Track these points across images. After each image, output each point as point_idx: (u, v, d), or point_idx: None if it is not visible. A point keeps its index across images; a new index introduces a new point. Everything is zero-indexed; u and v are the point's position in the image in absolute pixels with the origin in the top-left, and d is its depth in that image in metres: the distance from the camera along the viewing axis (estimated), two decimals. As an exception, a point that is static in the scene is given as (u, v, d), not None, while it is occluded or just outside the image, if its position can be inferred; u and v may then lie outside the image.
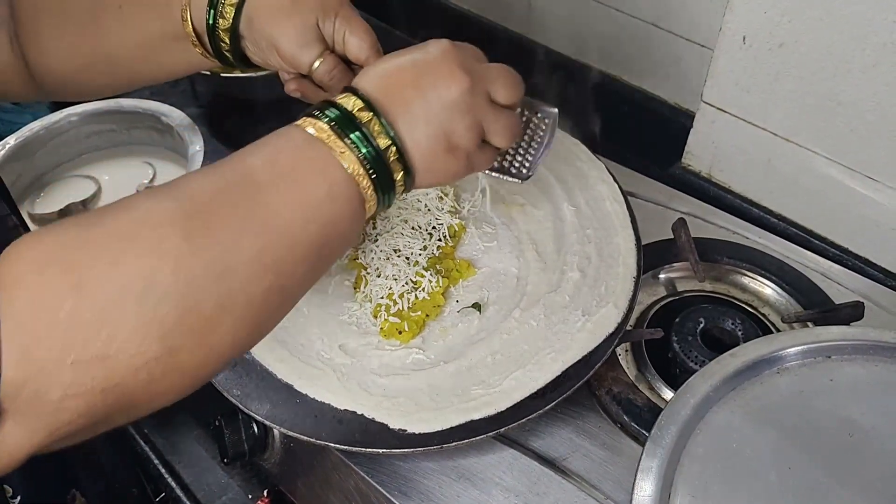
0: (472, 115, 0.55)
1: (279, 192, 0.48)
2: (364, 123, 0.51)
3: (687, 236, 0.85)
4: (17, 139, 1.04)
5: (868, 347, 0.63)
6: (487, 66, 0.58)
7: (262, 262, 0.46)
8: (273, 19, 0.65)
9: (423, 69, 0.54)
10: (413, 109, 0.53)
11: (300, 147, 0.50)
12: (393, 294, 0.74)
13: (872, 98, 0.77)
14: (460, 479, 0.69)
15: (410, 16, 1.38)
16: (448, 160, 0.55)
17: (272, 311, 0.50)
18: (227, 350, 0.47)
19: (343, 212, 0.51)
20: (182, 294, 0.43)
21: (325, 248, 0.51)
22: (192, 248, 0.44)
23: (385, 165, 0.52)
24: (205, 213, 0.46)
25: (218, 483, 0.85)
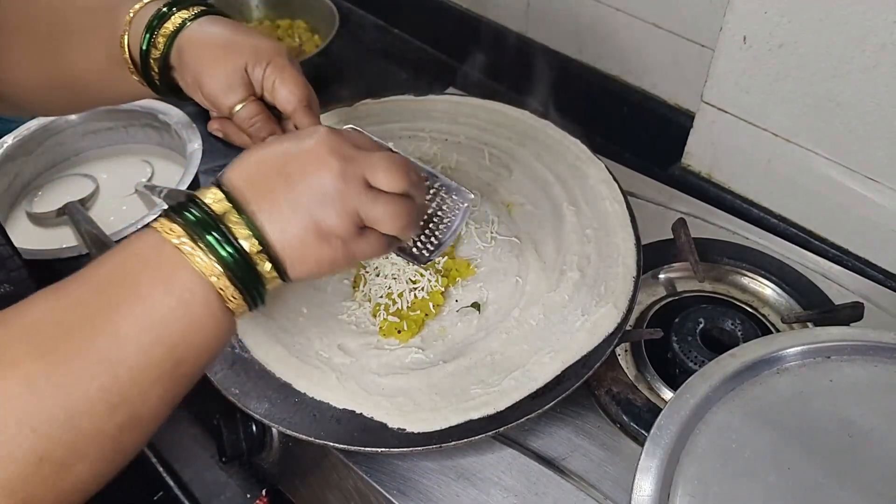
0: (344, 202, 0.52)
1: (124, 313, 0.46)
2: (222, 218, 0.49)
3: (687, 236, 0.85)
4: (14, 138, 1.03)
5: (868, 348, 0.63)
6: (368, 152, 0.55)
7: (109, 399, 0.44)
8: (202, 56, 0.64)
9: (294, 157, 0.52)
10: (278, 198, 0.51)
11: (148, 255, 0.48)
12: (392, 293, 0.74)
13: (872, 99, 0.77)
14: (459, 478, 0.69)
15: (410, 15, 1.38)
16: (321, 248, 0.52)
17: (130, 441, 0.48)
18: (88, 486, 0.46)
19: (200, 321, 0.48)
20: (28, 451, 0.41)
21: (181, 368, 0.48)
22: (36, 400, 0.42)
23: (248, 263, 0.49)
24: (46, 350, 0.44)
25: (216, 482, 0.85)
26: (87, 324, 0.45)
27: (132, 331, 0.46)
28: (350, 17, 1.43)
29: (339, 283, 0.78)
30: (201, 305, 0.48)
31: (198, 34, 0.65)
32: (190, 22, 0.65)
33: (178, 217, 0.49)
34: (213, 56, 0.64)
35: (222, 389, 0.70)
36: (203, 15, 0.66)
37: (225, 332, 0.51)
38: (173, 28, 0.65)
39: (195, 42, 0.65)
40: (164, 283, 0.47)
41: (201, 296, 0.48)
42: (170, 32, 0.65)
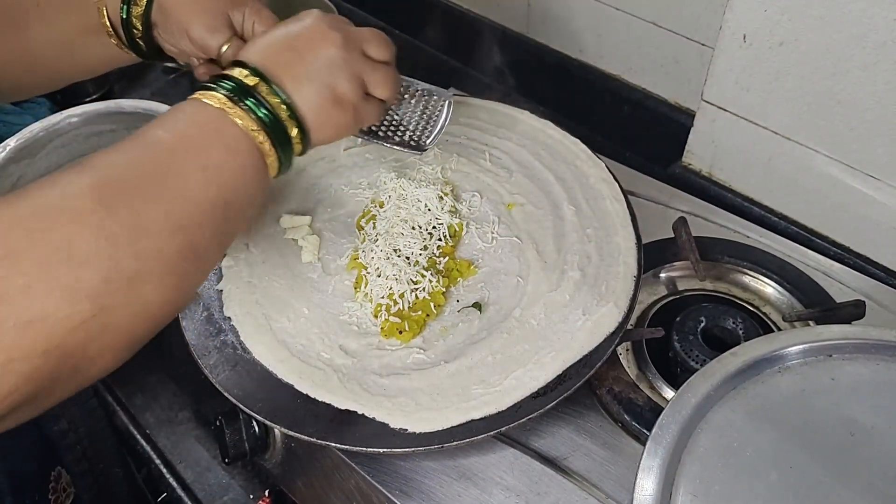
0: (350, 68, 0.61)
1: (181, 158, 0.53)
2: (254, 88, 0.56)
3: (687, 235, 0.85)
4: (17, 141, 1.03)
5: (869, 346, 0.63)
6: (358, 28, 0.65)
7: (170, 222, 0.50)
8: (185, 7, 0.69)
9: (299, 35, 0.61)
10: (295, 71, 0.59)
11: (198, 115, 0.55)
12: (393, 294, 0.74)
13: (872, 97, 0.77)
14: (461, 478, 0.69)
15: (410, 15, 1.38)
16: (337, 113, 0.61)
17: (190, 268, 0.53)
18: (156, 308, 0.51)
19: (244, 168, 0.56)
20: (102, 256, 0.46)
21: (230, 208, 0.55)
22: (108, 213, 0.47)
23: (280, 123, 0.57)
24: (117, 181, 0.50)
25: (219, 483, 0.85)
26: (152, 164, 0.52)
27: (191, 170, 0.53)
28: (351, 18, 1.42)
29: (340, 283, 0.78)
30: (246, 155, 0.56)
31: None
32: None
33: (217, 88, 0.56)
34: (195, 4, 0.70)
35: (224, 391, 0.70)
36: None
37: (263, 185, 0.58)
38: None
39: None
40: (215, 136, 0.55)
41: (245, 148, 0.56)
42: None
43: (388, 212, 0.81)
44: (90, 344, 0.46)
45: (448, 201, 0.82)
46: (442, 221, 0.80)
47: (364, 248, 0.79)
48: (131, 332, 0.49)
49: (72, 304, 0.45)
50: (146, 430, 0.89)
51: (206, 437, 0.88)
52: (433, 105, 0.76)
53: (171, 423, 0.90)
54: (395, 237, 0.78)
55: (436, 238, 0.79)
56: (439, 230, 0.79)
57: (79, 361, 0.46)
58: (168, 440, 0.88)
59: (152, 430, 0.89)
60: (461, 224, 0.81)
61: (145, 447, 0.88)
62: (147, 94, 1.19)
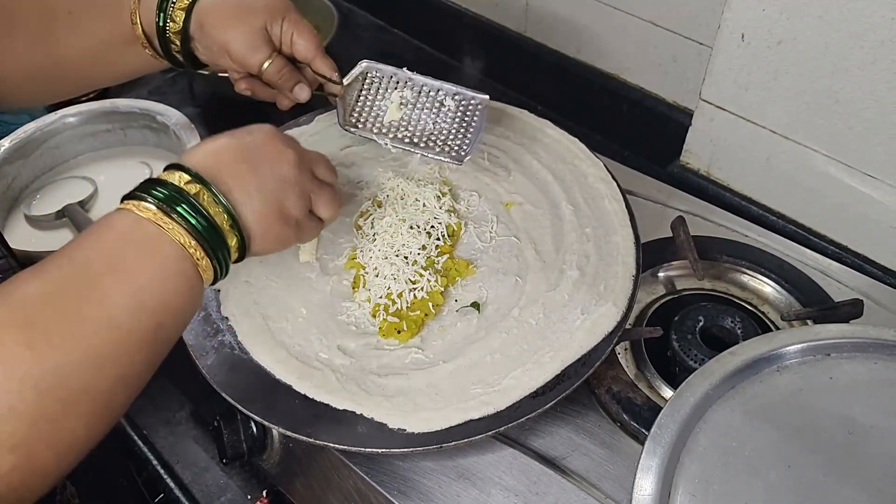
0: (300, 187, 0.61)
1: (109, 284, 0.49)
2: (193, 196, 0.53)
3: (686, 234, 0.85)
4: (11, 141, 1.03)
5: (867, 345, 0.63)
6: (309, 151, 0.65)
7: (98, 358, 0.48)
8: (223, 24, 0.68)
9: (253, 148, 0.59)
10: (245, 182, 0.57)
11: (127, 232, 0.52)
12: (392, 294, 0.74)
13: (871, 96, 0.77)
14: (460, 478, 0.69)
15: (409, 15, 1.38)
16: (280, 227, 0.60)
17: (119, 399, 0.51)
18: (83, 443, 0.48)
19: (178, 288, 0.53)
20: (28, 407, 0.44)
21: (161, 331, 0.52)
22: (35, 359, 0.45)
23: (217, 233, 0.54)
24: (41, 319, 0.46)
25: (217, 483, 0.85)
26: (76, 294, 0.48)
27: (118, 298, 0.49)
28: (349, 17, 1.43)
29: (338, 284, 0.78)
30: (178, 274, 0.53)
31: (212, 4, 0.69)
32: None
33: (147, 196, 0.53)
34: (233, 21, 0.69)
35: (222, 391, 0.70)
36: None
37: (197, 298, 0.55)
38: (187, 1, 0.69)
39: (212, 12, 0.69)
40: (145, 255, 0.52)
41: (180, 266, 0.53)
42: (185, 6, 0.69)
43: (387, 211, 0.81)
44: (18, 489, 0.44)
45: (446, 201, 0.82)
46: (440, 221, 0.80)
47: (362, 248, 0.79)
48: (60, 466, 0.47)
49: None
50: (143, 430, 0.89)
51: (203, 437, 0.88)
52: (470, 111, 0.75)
53: (169, 424, 0.89)
54: (394, 237, 0.78)
55: (434, 237, 0.79)
56: (438, 230, 0.79)
57: (10, 497, 0.44)
58: (166, 441, 0.88)
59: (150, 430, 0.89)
60: (459, 223, 0.81)
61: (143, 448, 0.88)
62: (144, 93, 1.19)
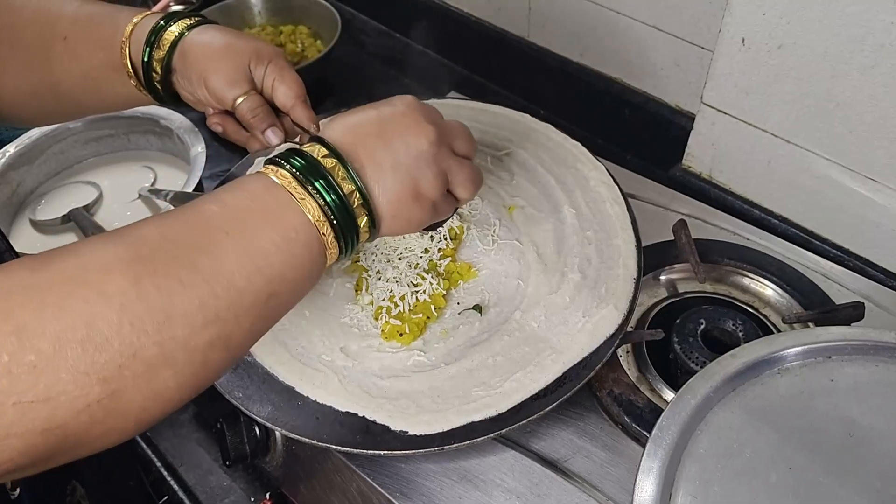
0: (438, 165, 0.57)
1: (229, 240, 0.48)
2: (328, 170, 0.52)
3: (687, 237, 0.85)
4: (16, 147, 1.04)
5: (868, 348, 0.63)
6: (448, 121, 0.61)
7: (205, 312, 0.46)
8: (207, 56, 0.68)
9: (390, 121, 0.56)
10: (379, 158, 0.55)
11: (259, 194, 0.51)
12: (394, 296, 0.74)
13: (871, 99, 0.78)
14: (462, 480, 0.69)
15: (412, 20, 1.39)
16: (414, 208, 0.57)
17: (216, 360, 0.49)
18: (172, 395, 0.47)
19: (299, 261, 0.51)
20: (124, 340, 0.43)
21: (273, 300, 0.50)
22: (137, 295, 0.43)
23: (348, 212, 0.53)
24: (152, 259, 0.45)
25: (220, 486, 0.85)
26: (195, 243, 0.47)
27: (236, 256, 0.48)
28: (352, 22, 1.44)
29: (341, 286, 0.79)
30: (302, 245, 0.51)
31: (200, 38, 0.69)
32: (189, 31, 0.69)
33: (285, 164, 0.52)
34: (217, 55, 0.68)
35: (225, 393, 0.70)
36: (200, 24, 0.70)
37: (316, 275, 0.54)
38: (177, 33, 0.68)
39: (198, 44, 0.68)
40: (272, 220, 0.50)
41: (304, 236, 0.51)
42: (173, 37, 0.68)
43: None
44: (95, 426, 0.43)
45: (448, 204, 0.82)
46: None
47: (365, 251, 0.79)
48: (140, 416, 0.46)
49: (81, 387, 0.41)
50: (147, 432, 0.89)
51: (207, 439, 0.88)
52: None
53: (172, 426, 0.90)
54: (396, 240, 0.78)
55: (436, 241, 0.79)
56: (440, 232, 0.80)
57: (80, 440, 0.43)
58: (169, 443, 0.88)
59: (153, 433, 0.89)
60: (462, 227, 0.82)
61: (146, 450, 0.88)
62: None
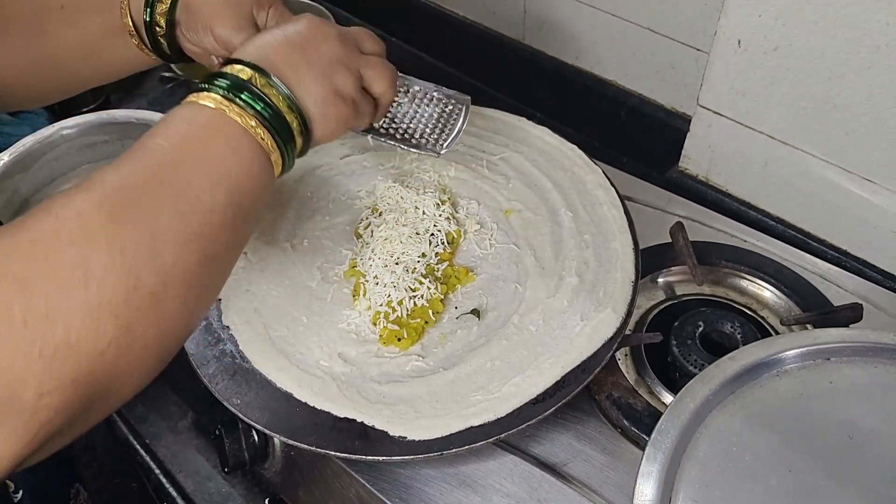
0: (349, 63, 0.62)
1: (186, 165, 0.51)
2: (250, 81, 0.56)
3: (685, 240, 0.85)
4: (10, 155, 1.03)
5: (867, 349, 0.63)
6: (349, 28, 0.67)
7: (184, 233, 0.49)
8: (210, 5, 0.70)
9: (298, 32, 0.61)
10: (295, 63, 0.59)
11: (196, 118, 0.54)
12: (392, 301, 0.74)
13: (867, 100, 0.78)
14: (461, 485, 0.69)
15: (407, 24, 1.39)
16: (339, 106, 0.61)
17: (209, 278, 0.52)
18: (180, 321, 0.50)
19: (251, 169, 0.55)
20: (121, 273, 0.45)
21: (240, 210, 0.54)
22: (119, 228, 0.46)
23: (279, 116, 0.56)
24: (123, 196, 0.48)
25: (219, 492, 0.85)
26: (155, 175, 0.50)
27: (198, 176, 0.51)
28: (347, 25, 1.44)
29: (338, 292, 0.78)
30: (249, 154, 0.54)
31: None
32: None
33: (212, 89, 0.55)
34: (220, 3, 0.70)
35: (224, 400, 0.70)
36: None
37: (270, 184, 0.57)
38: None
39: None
40: (217, 138, 0.53)
41: (248, 146, 0.54)
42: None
43: (386, 220, 0.81)
44: (119, 366, 0.45)
45: (446, 208, 0.82)
46: (440, 228, 0.80)
47: (362, 256, 0.79)
48: (158, 349, 0.48)
49: (96, 326, 0.43)
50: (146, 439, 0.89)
51: (205, 446, 0.88)
52: (450, 109, 0.76)
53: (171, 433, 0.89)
54: (394, 245, 0.78)
55: (434, 245, 0.79)
56: (437, 237, 0.80)
57: (109, 385, 0.45)
58: (168, 450, 0.88)
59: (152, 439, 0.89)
60: (459, 231, 0.82)
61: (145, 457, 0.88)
62: (144, 103, 1.19)
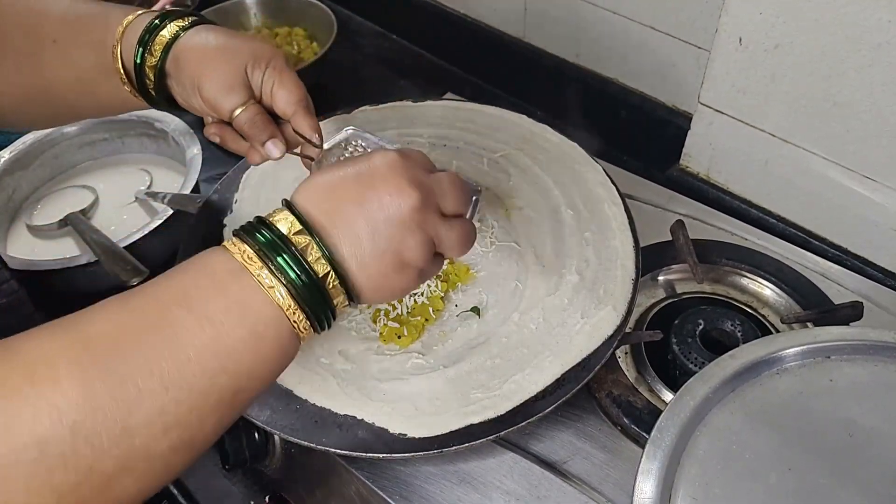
0: (424, 231, 0.51)
1: (189, 336, 0.44)
2: (300, 250, 0.47)
3: (685, 238, 0.85)
4: (11, 153, 1.04)
5: (867, 347, 0.63)
6: (436, 176, 0.54)
7: (164, 420, 0.42)
8: (201, 61, 0.64)
9: (369, 183, 0.50)
10: (357, 229, 0.49)
11: (221, 280, 0.46)
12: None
13: (868, 98, 0.78)
14: (461, 483, 0.69)
15: (408, 21, 1.39)
16: (398, 278, 0.51)
17: (179, 461, 0.46)
18: (133, 498, 0.44)
19: (268, 355, 0.47)
20: (79, 457, 0.40)
21: (240, 396, 0.47)
22: (90, 410, 0.40)
23: (322, 294, 0.48)
24: (105, 361, 0.42)
25: (220, 490, 0.85)
26: (153, 342, 0.43)
27: (199, 356, 0.44)
28: (348, 24, 1.44)
29: (339, 289, 0.78)
30: (272, 340, 0.47)
31: (195, 41, 0.65)
32: (184, 32, 0.65)
33: (250, 240, 0.47)
34: (212, 59, 0.64)
35: (224, 397, 0.70)
36: (196, 24, 0.67)
37: (287, 361, 0.50)
38: (169, 36, 0.65)
39: (192, 48, 0.65)
40: (237, 312, 0.45)
41: (275, 331, 0.46)
42: (165, 41, 0.65)
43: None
44: None
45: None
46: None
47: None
48: None
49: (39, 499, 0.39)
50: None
51: (206, 443, 0.88)
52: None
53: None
54: (394, 242, 0.78)
55: (434, 243, 0.79)
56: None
57: None
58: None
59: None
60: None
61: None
62: (146, 101, 1.19)
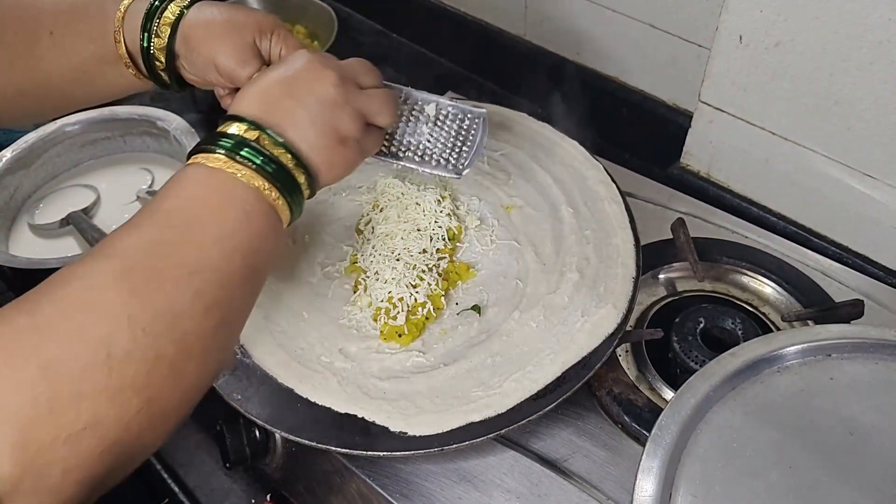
0: (350, 105, 0.60)
1: (200, 231, 0.52)
2: (255, 141, 0.55)
3: (686, 236, 0.85)
4: (13, 152, 1.04)
5: (868, 345, 0.63)
6: (346, 61, 0.64)
7: (203, 302, 0.50)
8: (211, 38, 0.67)
9: (293, 79, 0.59)
10: (296, 116, 0.58)
11: (205, 182, 0.54)
12: (392, 297, 0.74)
13: (869, 96, 0.77)
14: (461, 481, 0.69)
15: (408, 19, 1.38)
16: (342, 151, 0.60)
17: (226, 339, 0.54)
18: (201, 383, 0.51)
19: (261, 229, 0.55)
20: (142, 349, 0.45)
21: (255, 272, 0.55)
22: (140, 303, 0.46)
23: (287, 174, 0.56)
24: (142, 266, 0.48)
25: (220, 488, 0.85)
26: (171, 241, 0.51)
27: (212, 243, 0.52)
28: (349, 22, 1.44)
29: (339, 287, 0.78)
30: (260, 215, 0.55)
31: (199, 18, 0.68)
32: (186, 10, 0.68)
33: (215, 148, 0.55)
34: (221, 34, 0.67)
35: (225, 395, 0.70)
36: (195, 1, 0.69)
37: (279, 238, 0.58)
38: (173, 17, 0.67)
39: (199, 26, 0.67)
40: (227, 201, 0.54)
41: (259, 207, 0.55)
42: (171, 22, 0.67)
43: (387, 216, 0.81)
44: (144, 434, 0.46)
45: (447, 204, 0.82)
46: (441, 224, 0.80)
47: (363, 252, 0.79)
48: (180, 411, 0.50)
49: (121, 404, 0.44)
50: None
51: (206, 441, 0.88)
52: (468, 125, 0.73)
53: (172, 429, 0.90)
54: (394, 241, 0.78)
55: (435, 241, 0.79)
56: (438, 233, 0.80)
57: (133, 451, 0.46)
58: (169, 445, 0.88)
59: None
60: (460, 227, 0.81)
61: (146, 453, 0.88)
62: (146, 99, 1.19)
